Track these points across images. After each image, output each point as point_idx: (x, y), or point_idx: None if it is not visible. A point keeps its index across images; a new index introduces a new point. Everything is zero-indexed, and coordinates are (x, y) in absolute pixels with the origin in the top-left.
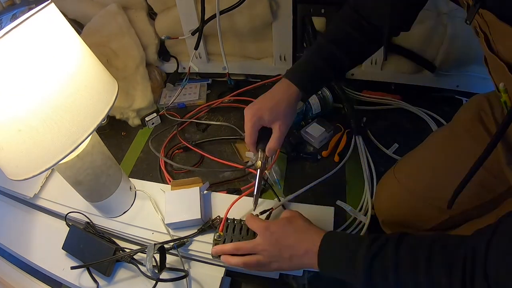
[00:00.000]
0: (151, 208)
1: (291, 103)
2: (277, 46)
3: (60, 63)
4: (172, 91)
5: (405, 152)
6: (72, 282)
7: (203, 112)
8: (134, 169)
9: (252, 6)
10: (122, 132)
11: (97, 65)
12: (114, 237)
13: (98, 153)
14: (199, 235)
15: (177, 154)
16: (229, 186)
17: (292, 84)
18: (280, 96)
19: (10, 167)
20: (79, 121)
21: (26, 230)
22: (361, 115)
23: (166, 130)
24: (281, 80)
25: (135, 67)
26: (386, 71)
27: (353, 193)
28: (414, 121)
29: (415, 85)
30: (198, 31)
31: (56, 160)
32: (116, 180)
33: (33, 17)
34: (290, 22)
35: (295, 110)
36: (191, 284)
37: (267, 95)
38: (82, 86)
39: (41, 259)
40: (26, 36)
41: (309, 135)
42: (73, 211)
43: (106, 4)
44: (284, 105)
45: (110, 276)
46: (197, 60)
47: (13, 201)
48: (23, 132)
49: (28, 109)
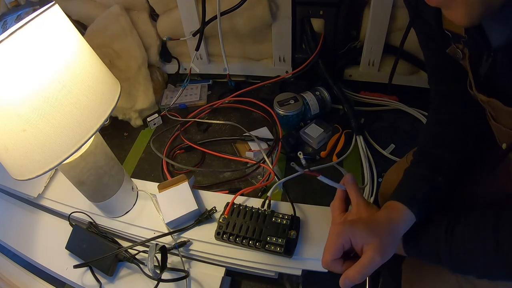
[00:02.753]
0: (153, 208)
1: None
2: (276, 48)
3: (63, 64)
4: (173, 92)
5: (402, 152)
6: (75, 282)
7: (204, 113)
8: (136, 169)
9: (252, 7)
10: (125, 133)
11: (100, 66)
12: (116, 237)
13: (101, 153)
14: (196, 226)
15: (178, 155)
16: (230, 186)
17: (395, 202)
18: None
19: (14, 167)
20: (82, 121)
21: (30, 230)
22: (359, 116)
23: (168, 131)
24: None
25: (137, 68)
26: (383, 73)
27: None
28: (411, 122)
29: (411, 86)
30: (199, 32)
31: (60, 160)
32: (118, 180)
33: (37, 18)
34: (289, 24)
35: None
36: (191, 284)
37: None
38: (85, 87)
39: (45, 258)
40: (30, 37)
41: (307, 136)
42: (76, 211)
43: (109, 5)
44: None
45: (112, 275)
46: (198, 61)
47: (17, 201)
48: (27, 132)
49: (32, 109)
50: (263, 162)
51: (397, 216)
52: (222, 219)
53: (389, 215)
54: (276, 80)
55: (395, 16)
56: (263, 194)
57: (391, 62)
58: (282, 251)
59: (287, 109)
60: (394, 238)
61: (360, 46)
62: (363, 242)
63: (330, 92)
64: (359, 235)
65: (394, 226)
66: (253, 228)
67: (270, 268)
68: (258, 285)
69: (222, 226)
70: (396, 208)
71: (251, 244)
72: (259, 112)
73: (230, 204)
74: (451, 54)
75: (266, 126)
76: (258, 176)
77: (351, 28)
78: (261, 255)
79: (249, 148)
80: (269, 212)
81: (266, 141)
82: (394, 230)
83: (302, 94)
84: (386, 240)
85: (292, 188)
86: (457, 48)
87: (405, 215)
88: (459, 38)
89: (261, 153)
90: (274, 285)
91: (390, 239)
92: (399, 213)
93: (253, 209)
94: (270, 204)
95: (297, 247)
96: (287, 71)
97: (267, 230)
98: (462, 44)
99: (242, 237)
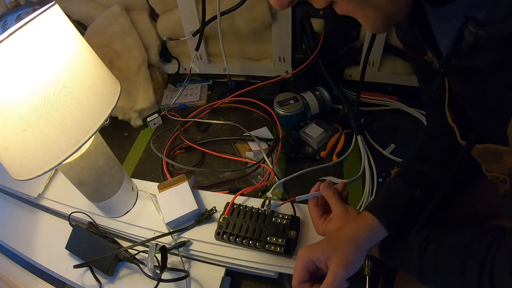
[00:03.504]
0: (153, 208)
1: (358, 239)
2: (276, 47)
3: (63, 64)
4: (173, 92)
5: (402, 152)
6: (75, 282)
7: (204, 113)
8: (136, 169)
9: (252, 7)
10: (125, 133)
11: (100, 66)
12: (116, 237)
13: (101, 153)
14: (196, 226)
15: (178, 155)
16: (230, 186)
17: (366, 213)
18: (348, 229)
19: (14, 167)
20: (82, 121)
21: (30, 230)
22: (359, 116)
23: (168, 131)
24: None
25: (137, 68)
26: (383, 73)
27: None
28: (411, 122)
29: (411, 86)
30: (199, 32)
31: (60, 160)
32: (118, 180)
33: (37, 18)
34: (289, 24)
35: (365, 250)
36: (191, 284)
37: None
38: (85, 87)
39: (45, 258)
40: (30, 37)
41: (307, 136)
42: (76, 211)
43: (109, 5)
44: (347, 236)
45: (112, 275)
46: (198, 61)
47: (17, 201)
48: (27, 132)
49: (32, 109)
50: (263, 162)
51: (365, 226)
52: (222, 219)
53: (357, 226)
54: (276, 80)
55: None
56: (263, 194)
57: (390, 62)
58: (282, 251)
59: (287, 109)
60: (357, 248)
61: (360, 46)
62: (325, 259)
63: (330, 92)
64: (320, 253)
65: (357, 238)
66: (253, 228)
67: (270, 268)
68: (258, 285)
69: (222, 226)
70: (366, 218)
71: (251, 244)
72: (259, 112)
73: (230, 204)
74: (428, 61)
75: (266, 126)
76: (258, 176)
77: (351, 28)
78: (261, 255)
79: (249, 148)
80: (269, 212)
81: (266, 141)
82: (357, 241)
83: (302, 94)
84: (348, 251)
85: (292, 188)
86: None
87: (373, 226)
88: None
89: (261, 153)
90: (274, 285)
91: (351, 250)
92: (367, 223)
93: (253, 209)
94: (270, 204)
95: (297, 247)
96: (287, 71)
97: (267, 230)
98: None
99: (242, 237)
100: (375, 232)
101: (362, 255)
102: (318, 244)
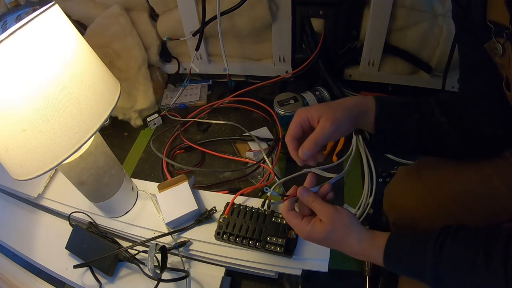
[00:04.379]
0: (153, 208)
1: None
2: (276, 47)
3: (63, 64)
4: (173, 92)
5: None
6: (75, 282)
7: (204, 113)
8: (136, 169)
9: (252, 7)
10: (125, 133)
11: (100, 66)
12: (116, 237)
13: (101, 153)
14: (196, 226)
15: (178, 155)
16: (230, 186)
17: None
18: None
19: (14, 167)
20: (82, 121)
21: (30, 230)
22: None
23: (168, 131)
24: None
25: (137, 68)
26: (383, 72)
27: (351, 193)
28: None
29: (411, 86)
30: (199, 32)
31: (60, 160)
32: (118, 180)
33: (37, 18)
34: (289, 24)
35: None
36: (191, 284)
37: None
38: (85, 86)
39: (45, 258)
40: (30, 37)
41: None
42: (76, 211)
43: (109, 5)
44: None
45: (112, 275)
46: (198, 61)
47: (17, 201)
48: (27, 132)
49: (32, 109)
50: (263, 162)
51: (360, 100)
52: (222, 219)
53: (354, 98)
54: (276, 80)
55: (395, 16)
56: (263, 194)
57: (390, 62)
58: (282, 251)
59: (287, 109)
60: (347, 112)
61: (360, 46)
62: (318, 116)
63: (330, 92)
64: (315, 111)
65: (350, 105)
66: (253, 228)
67: (270, 268)
68: (258, 285)
69: (222, 226)
70: (365, 97)
71: (251, 244)
72: (259, 112)
73: (230, 204)
74: (488, 49)
75: (266, 126)
76: (258, 176)
77: (351, 28)
78: (261, 255)
79: (249, 148)
80: (269, 212)
81: (266, 141)
82: (349, 107)
83: (302, 94)
84: (338, 113)
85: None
86: (498, 42)
87: (368, 102)
88: (502, 30)
89: (261, 153)
90: (274, 285)
91: (342, 112)
92: (364, 99)
93: (253, 209)
94: (270, 204)
95: (297, 247)
96: (287, 71)
97: (267, 230)
98: (505, 37)
99: (242, 237)
100: (366, 106)
101: (351, 120)
102: (315, 105)
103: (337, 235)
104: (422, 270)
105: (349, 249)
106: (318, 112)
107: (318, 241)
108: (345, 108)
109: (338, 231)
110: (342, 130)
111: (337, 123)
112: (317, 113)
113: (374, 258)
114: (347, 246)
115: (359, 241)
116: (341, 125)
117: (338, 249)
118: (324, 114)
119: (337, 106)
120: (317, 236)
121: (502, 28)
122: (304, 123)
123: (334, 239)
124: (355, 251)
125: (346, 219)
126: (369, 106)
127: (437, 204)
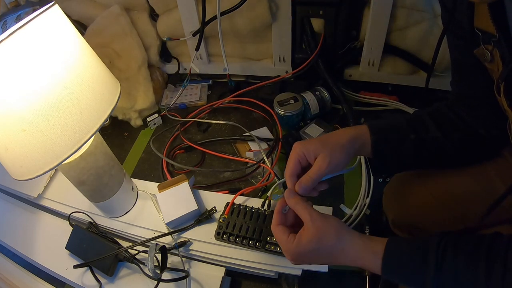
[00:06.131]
0: (153, 208)
1: (347, 138)
2: (276, 47)
3: (63, 64)
4: (173, 92)
5: None
6: (75, 282)
7: (204, 113)
8: (136, 169)
9: (252, 7)
10: (125, 133)
11: (100, 66)
12: (116, 237)
13: (101, 153)
14: (196, 226)
15: (178, 155)
16: (230, 186)
17: (361, 125)
18: (339, 132)
19: (14, 167)
20: (82, 121)
21: (30, 230)
22: (358, 116)
23: (168, 131)
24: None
25: (137, 68)
26: (383, 73)
27: (351, 192)
28: None
29: (411, 86)
30: (199, 32)
31: (60, 160)
32: (118, 180)
33: (37, 18)
34: (289, 24)
35: (352, 153)
36: (191, 284)
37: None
38: (85, 86)
39: (45, 258)
40: (30, 37)
41: (307, 136)
42: (76, 211)
43: (109, 5)
44: (338, 138)
45: (112, 275)
46: (198, 61)
47: (17, 201)
48: (27, 132)
49: (32, 109)
50: (263, 162)
51: (354, 133)
52: (222, 219)
53: (348, 132)
54: (276, 80)
55: (395, 16)
56: (263, 194)
57: (390, 62)
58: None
59: (287, 109)
60: (344, 151)
61: (360, 46)
62: (315, 153)
63: (330, 92)
64: (312, 149)
65: (346, 143)
66: (253, 228)
67: (270, 268)
68: (258, 285)
69: (222, 226)
70: (360, 127)
71: (251, 244)
72: (259, 112)
73: (230, 204)
74: (478, 55)
75: (266, 126)
76: (258, 176)
77: (351, 28)
78: (261, 255)
79: (249, 148)
80: (269, 212)
81: (266, 141)
82: (346, 146)
83: (302, 94)
84: (335, 153)
85: None
86: (486, 49)
87: (362, 134)
88: (489, 38)
89: (261, 153)
90: (274, 285)
91: (339, 153)
92: (358, 131)
93: (253, 209)
94: (270, 204)
95: None
96: (287, 71)
97: (267, 230)
98: (492, 44)
99: (242, 237)
100: (361, 137)
101: (347, 156)
102: (312, 141)
103: (328, 241)
104: (423, 282)
105: (342, 256)
106: (315, 149)
107: (307, 256)
108: (342, 147)
109: (328, 236)
110: (339, 168)
111: (334, 162)
112: (314, 151)
113: (370, 263)
114: (340, 251)
115: (352, 244)
116: (338, 163)
117: (330, 260)
118: (321, 152)
119: (334, 145)
120: (306, 247)
121: (489, 35)
122: (301, 159)
123: (325, 246)
124: (349, 256)
125: (333, 222)
126: (364, 139)
127: (436, 203)
